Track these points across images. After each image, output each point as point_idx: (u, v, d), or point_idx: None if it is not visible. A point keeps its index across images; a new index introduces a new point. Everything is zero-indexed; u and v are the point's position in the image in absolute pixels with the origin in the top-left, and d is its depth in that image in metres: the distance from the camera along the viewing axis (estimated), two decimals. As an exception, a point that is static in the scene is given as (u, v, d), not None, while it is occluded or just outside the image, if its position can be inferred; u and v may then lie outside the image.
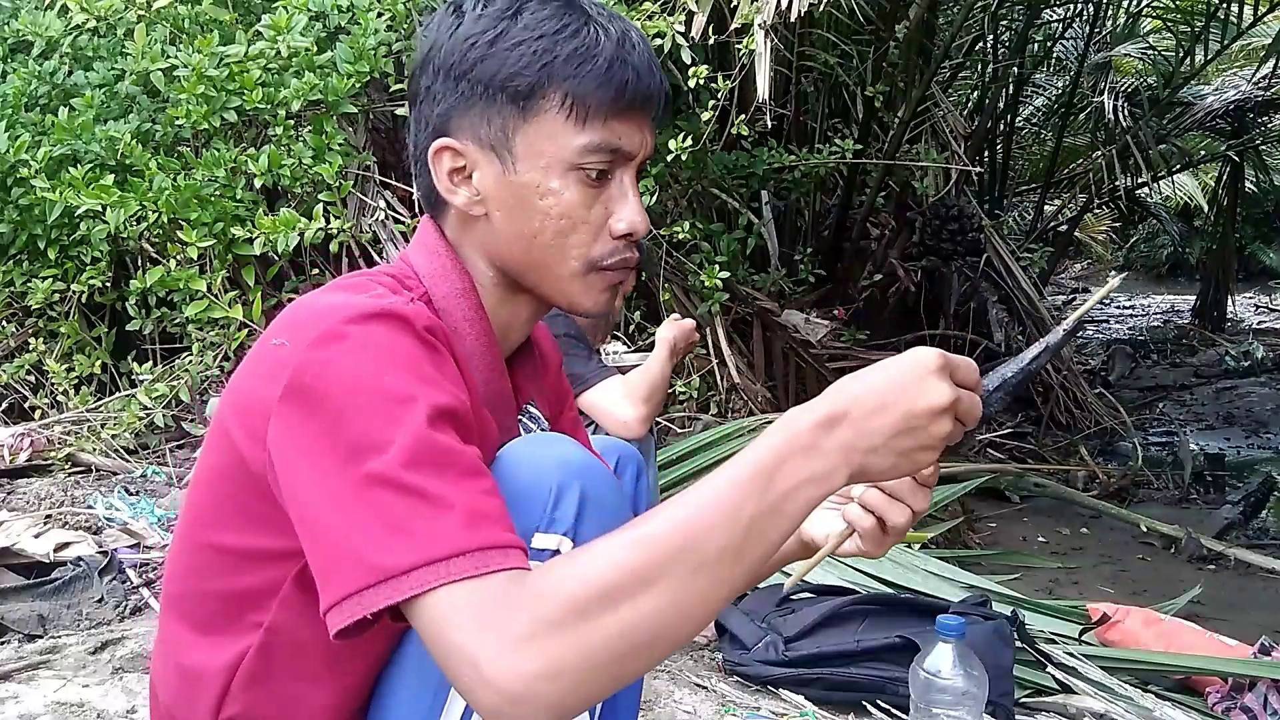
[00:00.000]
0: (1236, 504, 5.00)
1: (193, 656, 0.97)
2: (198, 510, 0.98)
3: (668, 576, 0.75)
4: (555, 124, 0.96)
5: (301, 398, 0.84)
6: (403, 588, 0.77)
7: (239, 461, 0.91)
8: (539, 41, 0.95)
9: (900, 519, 0.96)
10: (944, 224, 5.89)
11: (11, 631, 2.12)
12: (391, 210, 3.61)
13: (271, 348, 0.90)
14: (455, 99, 0.98)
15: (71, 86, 3.65)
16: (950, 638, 1.46)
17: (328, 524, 0.81)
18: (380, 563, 0.78)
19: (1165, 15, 8.61)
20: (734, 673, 2.18)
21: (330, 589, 0.80)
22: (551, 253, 0.99)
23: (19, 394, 3.61)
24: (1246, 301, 13.63)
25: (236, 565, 0.94)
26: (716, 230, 4.65)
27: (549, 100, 0.95)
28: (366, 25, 3.42)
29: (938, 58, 6.07)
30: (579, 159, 0.96)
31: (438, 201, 1.03)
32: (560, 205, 0.97)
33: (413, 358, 0.86)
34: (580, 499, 0.92)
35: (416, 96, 1.02)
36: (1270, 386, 8.42)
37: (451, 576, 0.76)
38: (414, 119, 1.03)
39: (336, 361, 0.84)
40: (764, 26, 3.45)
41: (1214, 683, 2.33)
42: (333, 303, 0.90)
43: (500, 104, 0.96)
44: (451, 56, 0.97)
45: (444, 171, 0.99)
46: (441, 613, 0.76)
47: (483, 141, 0.97)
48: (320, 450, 0.82)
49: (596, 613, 0.74)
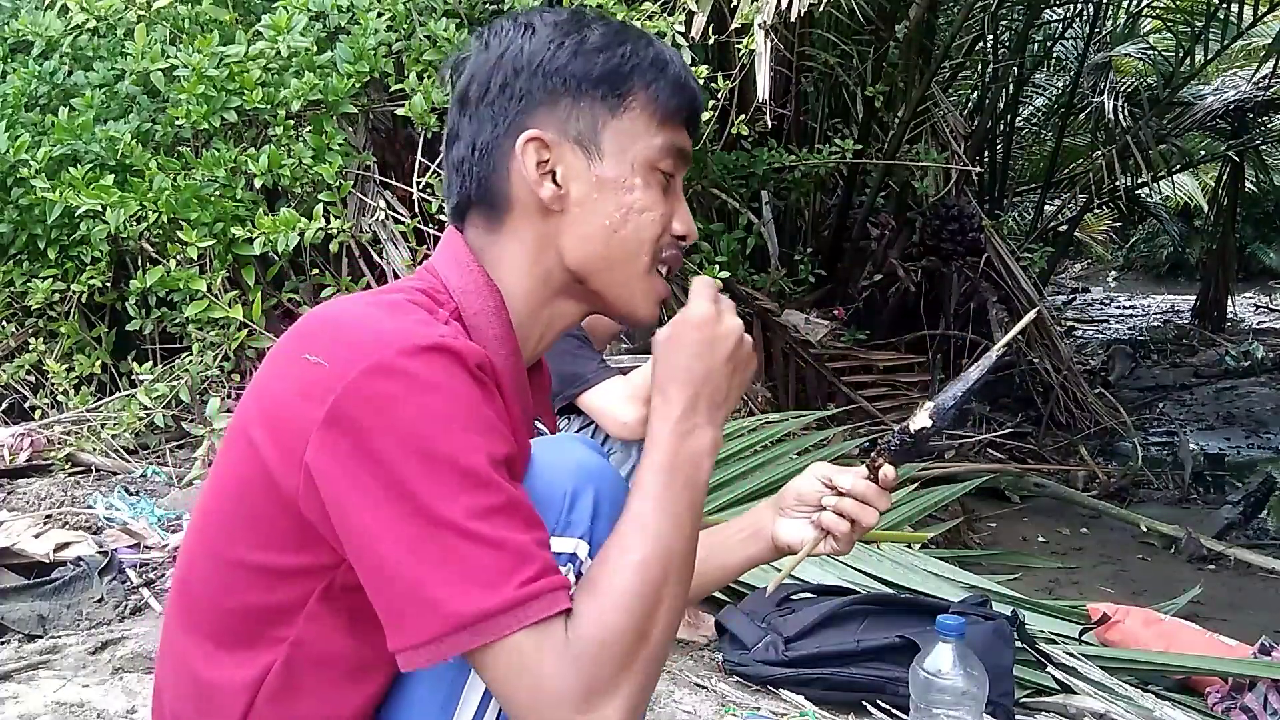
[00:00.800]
0: (1236, 504, 5.00)
1: (212, 671, 0.95)
2: (216, 523, 0.97)
3: (667, 593, 0.91)
4: (639, 123, 1.02)
5: (357, 431, 0.85)
6: (484, 634, 0.84)
7: (266, 477, 0.90)
8: (622, 47, 1.02)
9: (871, 519, 1.17)
10: (944, 224, 5.89)
11: (11, 631, 2.12)
12: (391, 210, 3.61)
13: (307, 364, 0.89)
14: (542, 94, 1.00)
15: (71, 86, 3.65)
16: (950, 638, 1.46)
17: (398, 566, 0.85)
18: (459, 609, 0.83)
19: (1165, 15, 8.61)
20: (734, 673, 2.18)
21: (406, 632, 0.85)
22: (629, 246, 1.03)
23: (19, 394, 3.60)
24: (1246, 301, 13.63)
25: (261, 581, 0.93)
26: (716, 230, 4.65)
27: (636, 99, 1.02)
28: (366, 25, 3.42)
29: (938, 58, 6.07)
30: (658, 158, 1.02)
31: (499, 201, 1.02)
32: (642, 200, 1.02)
33: (473, 402, 0.88)
34: (595, 502, 0.96)
35: (480, 97, 1.02)
36: (1270, 386, 8.42)
37: (523, 622, 0.84)
38: (473, 119, 1.03)
39: (398, 399, 0.85)
40: (764, 26, 3.45)
41: (1214, 683, 2.33)
42: (378, 328, 0.90)
43: (591, 100, 1.01)
44: (538, 55, 1.01)
45: (532, 163, 1.00)
46: (514, 658, 0.84)
47: (570, 135, 1.01)
48: (384, 488, 0.84)
49: (639, 647, 0.88)
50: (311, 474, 0.86)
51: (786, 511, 1.24)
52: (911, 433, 1.16)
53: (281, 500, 0.89)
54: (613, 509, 0.96)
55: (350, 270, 3.61)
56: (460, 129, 1.04)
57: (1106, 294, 16.21)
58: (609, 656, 0.86)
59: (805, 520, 1.22)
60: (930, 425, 1.16)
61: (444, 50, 3.42)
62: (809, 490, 1.23)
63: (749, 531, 1.26)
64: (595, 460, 1.01)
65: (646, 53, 1.02)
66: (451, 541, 0.83)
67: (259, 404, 0.94)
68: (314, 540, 0.89)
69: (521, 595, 0.84)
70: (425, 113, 3.36)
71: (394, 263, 3.51)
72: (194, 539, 1.00)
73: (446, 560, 0.83)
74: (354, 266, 3.62)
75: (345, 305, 0.97)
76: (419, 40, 3.48)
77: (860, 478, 1.19)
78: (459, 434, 0.85)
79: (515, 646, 0.84)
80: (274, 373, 0.94)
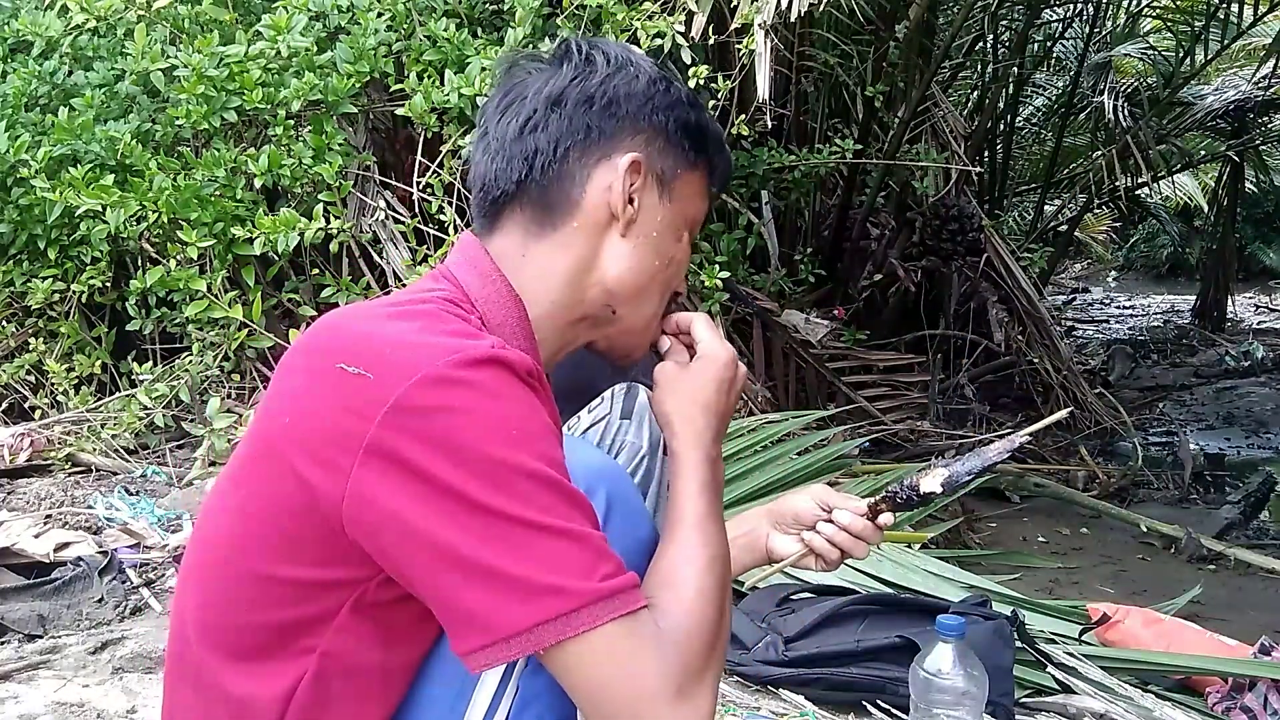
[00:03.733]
0: (1236, 504, 5.00)
1: (241, 686, 0.94)
2: (239, 541, 0.95)
3: (729, 589, 0.99)
4: (699, 185, 1.11)
5: (417, 444, 0.84)
6: (576, 623, 0.84)
7: (304, 494, 0.88)
8: (703, 111, 1.10)
9: (861, 553, 1.27)
10: (944, 224, 5.89)
11: (11, 631, 2.12)
12: (391, 210, 3.61)
13: (347, 375, 0.87)
14: (645, 124, 1.05)
15: (71, 86, 3.65)
16: (950, 638, 1.46)
17: (484, 567, 0.84)
18: (554, 599, 0.84)
19: (1165, 15, 8.60)
20: (734, 673, 2.18)
21: (491, 628, 0.85)
22: (660, 289, 1.10)
23: (19, 394, 3.61)
24: (1246, 301, 13.62)
25: (291, 594, 0.92)
26: (716, 230, 4.65)
27: (705, 163, 1.10)
28: (366, 25, 3.42)
29: (938, 58, 6.06)
30: (697, 219, 1.12)
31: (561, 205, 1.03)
32: (680, 254, 1.11)
33: (531, 408, 0.89)
34: (607, 501, 0.97)
35: (582, 103, 1.03)
36: (1270, 386, 8.42)
37: (618, 612, 0.86)
38: (569, 120, 1.03)
39: (456, 410, 0.85)
40: (764, 26, 3.45)
41: (1214, 683, 2.33)
42: (424, 339, 0.89)
43: (678, 148, 1.07)
44: (646, 91, 1.05)
45: (627, 183, 1.04)
46: (608, 649, 0.85)
47: (654, 170, 1.06)
48: (450, 498, 0.84)
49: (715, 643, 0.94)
50: (362, 493, 0.85)
51: (782, 528, 1.31)
52: (920, 494, 1.22)
53: (321, 516, 0.88)
54: (624, 509, 0.98)
55: (350, 270, 3.61)
56: (542, 123, 1.03)
57: (1106, 294, 16.21)
58: (699, 645, 0.91)
59: (798, 538, 1.31)
60: (939, 492, 1.21)
61: (444, 50, 3.42)
62: (806, 512, 1.30)
63: (744, 541, 1.32)
64: (607, 461, 1.04)
65: (715, 126, 1.12)
66: (530, 537, 0.84)
67: (293, 419, 0.91)
68: (351, 555, 0.88)
69: (609, 587, 0.86)
70: (425, 113, 3.36)
71: (394, 263, 3.52)
72: (214, 557, 0.98)
73: (528, 555, 0.84)
74: (354, 266, 3.62)
75: (374, 315, 0.96)
76: (419, 40, 3.48)
77: (857, 514, 1.27)
78: (521, 440, 0.86)
79: (608, 637, 0.85)
80: (304, 386, 0.92)
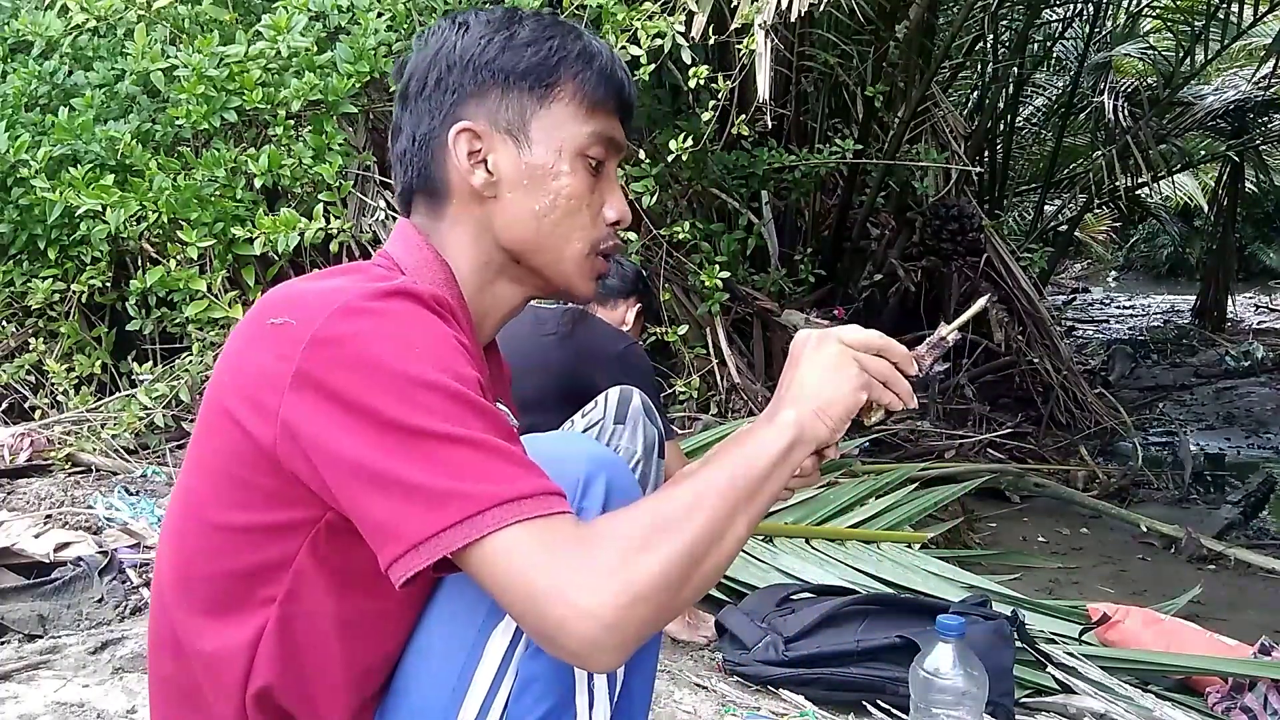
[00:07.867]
0: (1236, 504, 5.00)
1: (211, 641, 0.96)
2: (198, 496, 0.98)
3: (704, 508, 0.89)
4: (566, 112, 1.06)
5: (329, 369, 0.87)
6: (481, 525, 0.82)
7: (245, 439, 0.92)
8: (549, 41, 1.06)
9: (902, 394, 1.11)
10: (944, 224, 5.89)
11: (11, 631, 2.12)
12: (391, 210, 3.60)
13: (272, 327, 0.91)
14: (473, 87, 1.06)
15: (71, 86, 3.65)
16: (950, 638, 1.46)
17: (392, 479, 0.84)
18: (458, 504, 0.83)
19: (1165, 15, 8.61)
20: (734, 673, 2.18)
21: (402, 537, 0.84)
22: (559, 231, 1.07)
23: (19, 394, 3.60)
24: (1246, 301, 13.64)
25: (247, 542, 0.95)
26: (716, 230, 4.65)
27: (563, 90, 1.06)
28: (366, 25, 3.42)
29: (938, 58, 6.07)
30: (586, 146, 1.07)
31: (439, 188, 1.07)
32: (569, 187, 1.07)
33: (438, 331, 0.91)
34: (606, 488, 0.98)
35: (418, 92, 1.08)
36: (1270, 386, 8.42)
37: (525, 515, 0.83)
38: (412, 112, 1.09)
39: (363, 333, 0.88)
40: (764, 26, 3.45)
41: (1214, 683, 2.33)
42: (337, 285, 0.94)
43: (519, 92, 1.05)
44: (469, 51, 1.06)
45: (464, 153, 1.05)
46: (519, 552, 0.82)
47: (500, 126, 1.06)
48: (362, 416, 0.85)
49: (661, 540, 0.86)
50: (289, 423, 0.88)
51: None
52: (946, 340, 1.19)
53: (264, 460, 0.91)
54: (623, 498, 0.98)
55: (350, 270, 3.61)
56: (401, 123, 1.10)
57: (1106, 294, 16.23)
58: (628, 542, 0.85)
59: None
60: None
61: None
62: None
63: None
64: (606, 451, 1.04)
65: (574, 45, 1.07)
66: (434, 447, 0.84)
67: (231, 377, 0.95)
68: (299, 495, 0.91)
69: (514, 490, 0.84)
70: (425, 113, 3.36)
71: (394, 263, 3.51)
72: (175, 520, 1.01)
73: (431, 464, 0.84)
74: (354, 266, 3.62)
75: (307, 278, 1.02)
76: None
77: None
78: (426, 356, 0.88)
79: (513, 539, 0.83)
80: (241, 346, 0.96)
